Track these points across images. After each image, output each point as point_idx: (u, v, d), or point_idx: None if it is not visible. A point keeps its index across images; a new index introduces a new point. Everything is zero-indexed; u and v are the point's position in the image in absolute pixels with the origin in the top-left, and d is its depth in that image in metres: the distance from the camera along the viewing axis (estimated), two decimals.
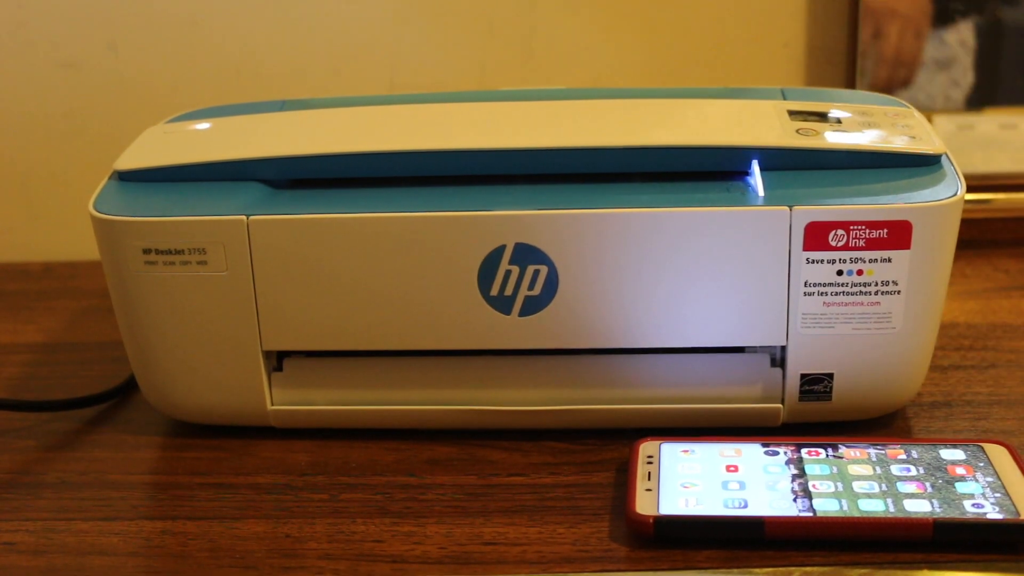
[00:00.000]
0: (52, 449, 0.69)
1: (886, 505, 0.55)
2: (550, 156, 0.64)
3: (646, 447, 0.62)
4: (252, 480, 0.65)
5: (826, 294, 0.62)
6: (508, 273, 0.62)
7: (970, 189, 0.64)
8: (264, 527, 0.60)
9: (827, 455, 0.59)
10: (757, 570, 0.56)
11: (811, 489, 0.57)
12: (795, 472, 0.58)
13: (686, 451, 0.61)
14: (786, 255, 0.61)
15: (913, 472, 0.58)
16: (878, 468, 0.58)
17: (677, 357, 0.65)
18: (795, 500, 0.56)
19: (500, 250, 0.62)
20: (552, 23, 0.97)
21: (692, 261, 0.62)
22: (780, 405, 0.65)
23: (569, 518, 0.60)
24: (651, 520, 0.56)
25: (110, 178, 0.67)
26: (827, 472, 0.58)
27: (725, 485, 0.58)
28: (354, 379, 0.67)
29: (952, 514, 0.55)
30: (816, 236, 0.61)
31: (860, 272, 0.61)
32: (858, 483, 0.57)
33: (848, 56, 0.97)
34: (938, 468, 0.58)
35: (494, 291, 0.63)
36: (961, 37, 0.94)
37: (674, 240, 0.61)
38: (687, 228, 0.61)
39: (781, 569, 0.55)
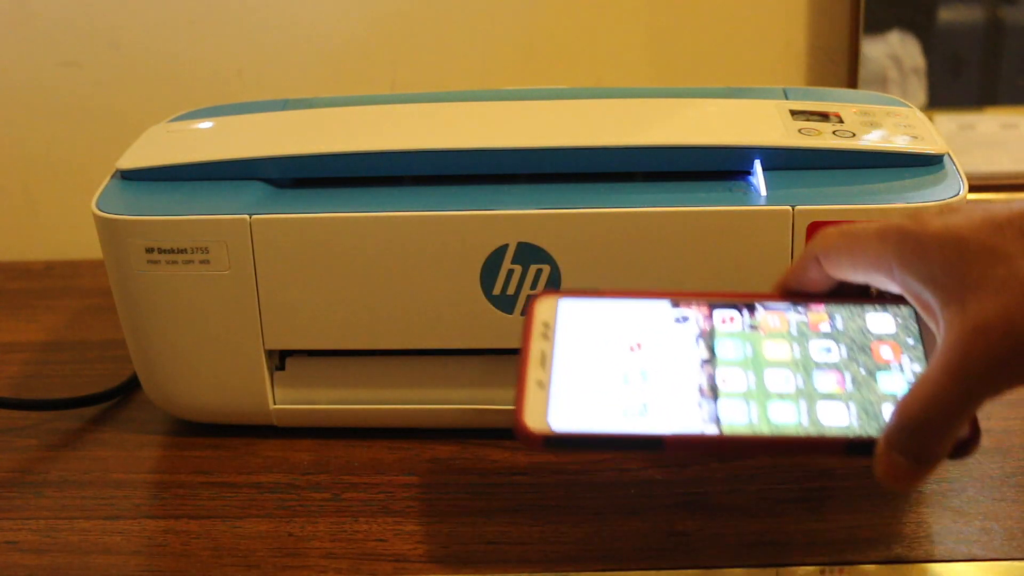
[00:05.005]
0: (54, 448, 0.69)
1: (799, 415, 0.49)
2: (552, 155, 0.64)
3: (542, 308, 0.54)
4: (254, 479, 0.65)
5: None
6: (510, 272, 0.63)
7: (972, 189, 0.64)
8: (267, 526, 0.60)
9: (743, 326, 0.53)
10: (757, 569, 0.56)
11: (719, 386, 0.51)
12: (704, 357, 0.52)
13: (583, 314, 0.54)
14: (788, 255, 0.61)
15: (833, 354, 0.51)
16: (796, 348, 0.52)
17: None
18: (700, 405, 0.50)
19: (502, 249, 0.62)
20: (552, 23, 0.98)
21: (694, 260, 0.62)
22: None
23: (571, 517, 0.60)
24: (541, 437, 0.51)
25: (112, 177, 0.67)
26: (739, 357, 0.52)
27: (626, 379, 0.51)
28: (356, 378, 0.67)
29: (868, 430, 0.49)
30: None
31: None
32: (772, 372, 0.51)
33: (850, 56, 0.97)
34: (862, 349, 0.51)
35: (496, 290, 0.63)
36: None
37: (676, 239, 0.61)
38: (689, 228, 0.61)
39: (782, 569, 0.56)
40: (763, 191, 0.62)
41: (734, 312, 0.53)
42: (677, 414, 0.50)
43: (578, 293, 0.55)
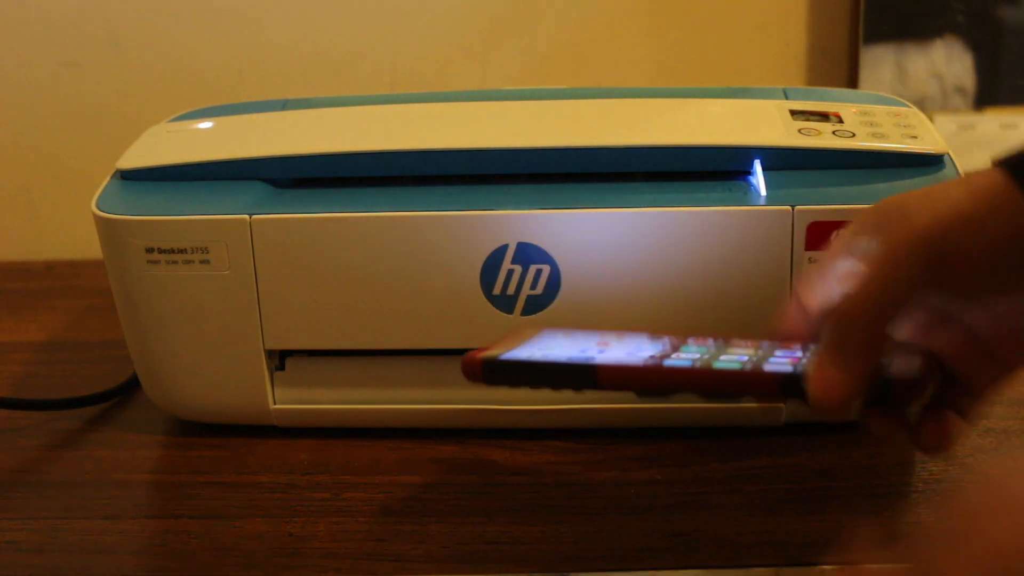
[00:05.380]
0: (54, 448, 0.69)
1: (743, 365, 0.49)
2: (552, 155, 0.64)
3: (521, 331, 0.56)
4: (255, 479, 0.65)
5: None
6: (510, 272, 0.63)
7: None
8: (267, 526, 0.60)
9: (712, 342, 0.53)
10: (757, 569, 0.56)
11: (672, 356, 0.51)
12: (667, 349, 0.52)
13: (566, 334, 0.55)
14: (788, 255, 0.61)
15: (799, 355, 0.51)
16: (760, 351, 0.51)
17: None
18: (649, 358, 0.50)
19: (502, 249, 0.62)
20: (552, 23, 0.98)
21: (694, 260, 0.62)
22: (782, 404, 0.65)
23: (571, 517, 0.60)
24: (479, 360, 0.51)
25: (113, 177, 0.67)
26: (701, 350, 0.52)
27: (584, 350, 0.52)
28: (356, 378, 0.67)
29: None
30: (818, 236, 0.61)
31: None
32: (727, 356, 0.51)
33: (850, 56, 0.97)
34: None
35: (496, 290, 0.63)
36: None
37: (676, 239, 0.61)
38: (689, 227, 0.61)
39: (782, 569, 0.56)
40: (763, 191, 0.62)
41: (708, 339, 0.54)
42: (619, 360, 0.50)
43: (559, 328, 0.57)
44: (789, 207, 0.61)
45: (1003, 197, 0.46)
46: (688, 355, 0.51)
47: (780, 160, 0.63)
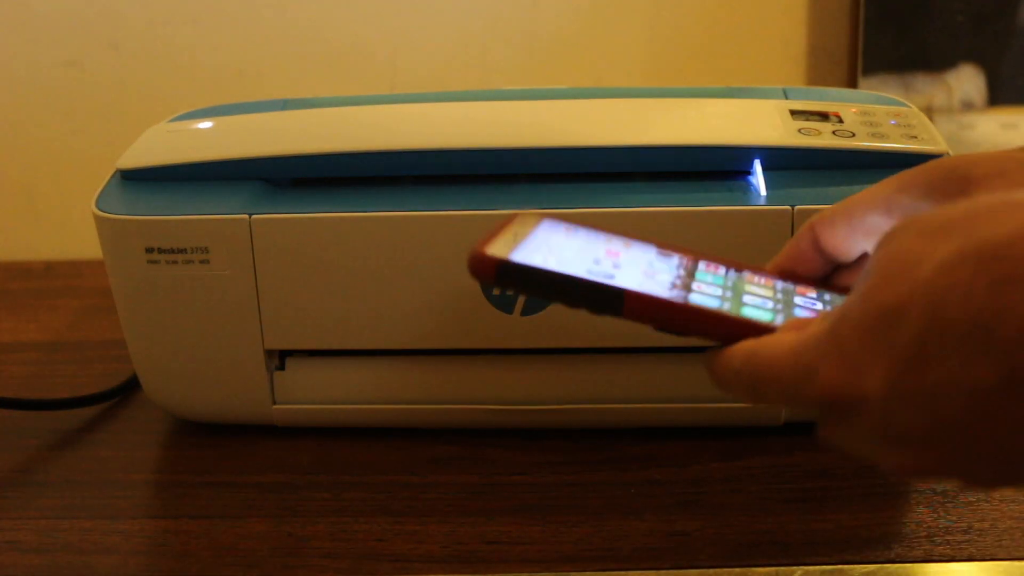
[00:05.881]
0: (55, 448, 0.69)
1: (773, 314, 0.45)
2: (552, 155, 0.64)
3: (522, 219, 0.49)
4: (255, 479, 0.65)
5: None
6: None
7: None
8: (267, 526, 0.60)
9: (725, 272, 0.48)
10: (757, 569, 0.56)
11: (693, 287, 0.46)
12: (682, 273, 0.47)
13: (568, 230, 0.49)
14: None
15: (819, 306, 0.47)
16: (779, 294, 0.48)
17: (678, 356, 0.65)
18: (671, 288, 0.46)
19: None
20: (552, 23, 0.98)
21: None
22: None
23: (571, 517, 0.60)
24: (495, 263, 0.45)
25: (113, 177, 0.67)
26: (719, 281, 0.47)
27: (597, 261, 0.47)
28: (356, 378, 0.67)
29: None
30: None
31: None
32: (750, 296, 0.47)
33: (849, 56, 0.97)
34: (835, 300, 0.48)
35: (496, 290, 0.63)
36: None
37: (676, 239, 0.61)
38: (689, 227, 0.61)
39: (782, 569, 0.56)
40: (763, 191, 0.62)
41: (714, 263, 0.49)
42: (642, 285, 0.45)
43: (559, 218, 0.50)
44: (789, 207, 0.61)
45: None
46: (709, 290, 0.46)
47: (780, 160, 0.63)
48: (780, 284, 0.49)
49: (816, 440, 0.42)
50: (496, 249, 0.46)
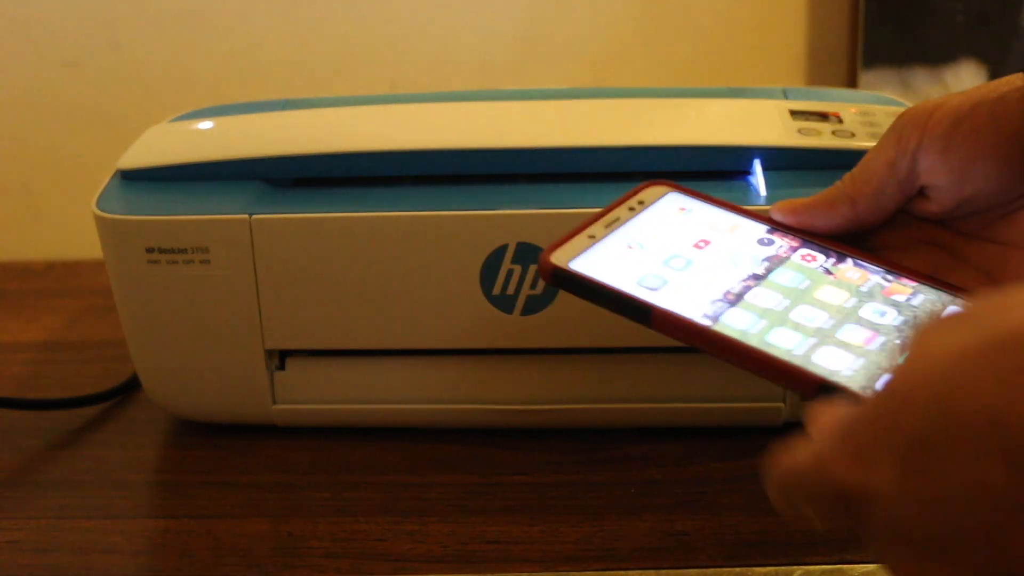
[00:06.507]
0: (55, 447, 0.69)
1: (797, 346, 0.45)
2: (552, 155, 0.64)
3: (649, 191, 0.54)
4: (255, 479, 0.65)
5: None
6: (510, 272, 0.63)
7: None
8: (267, 525, 0.60)
9: (818, 265, 0.49)
10: (757, 569, 0.56)
11: (745, 297, 0.47)
12: (758, 273, 0.49)
13: (683, 208, 0.53)
14: None
15: (884, 319, 0.46)
16: (852, 300, 0.47)
17: (678, 356, 0.65)
18: (712, 303, 0.47)
19: (502, 249, 0.62)
20: (552, 23, 0.98)
21: None
22: (782, 404, 0.65)
23: (571, 517, 0.60)
24: (552, 268, 0.49)
25: (113, 177, 0.67)
26: (787, 284, 0.48)
27: (666, 262, 0.50)
28: (356, 378, 0.67)
29: (853, 384, 0.43)
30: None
31: None
32: (807, 308, 0.47)
33: (849, 56, 0.97)
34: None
35: (496, 290, 0.63)
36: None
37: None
38: None
39: (782, 568, 0.56)
40: (763, 191, 0.62)
41: (817, 252, 0.50)
42: (685, 300, 0.47)
43: (690, 192, 0.54)
44: None
45: (1016, 91, 0.47)
46: (766, 300, 0.47)
47: (780, 160, 0.63)
48: (872, 280, 0.48)
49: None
50: (563, 256, 0.49)
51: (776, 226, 0.52)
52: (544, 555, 0.57)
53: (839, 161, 0.63)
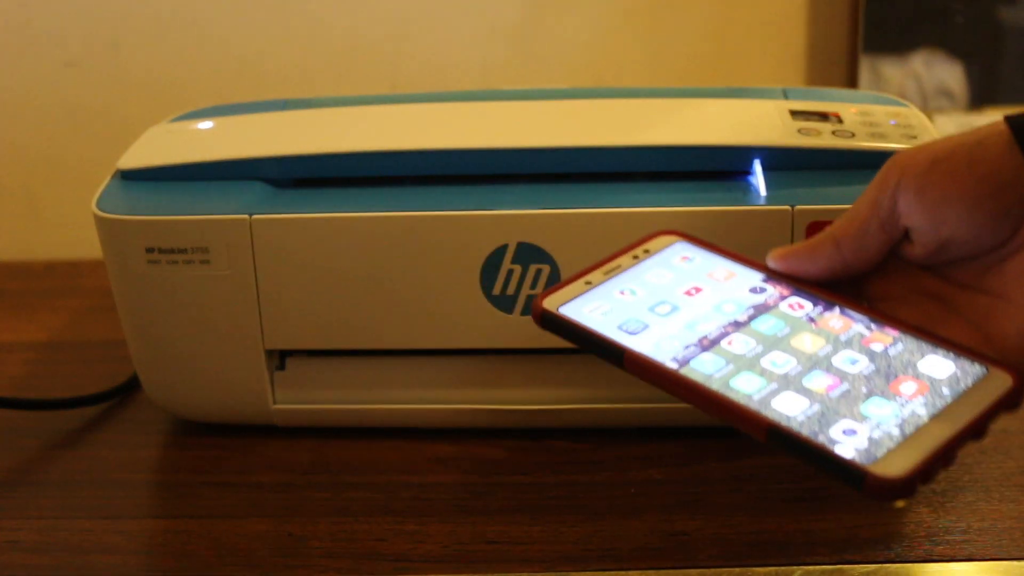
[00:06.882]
0: (55, 448, 0.69)
1: (757, 391, 0.46)
2: (552, 155, 0.64)
3: (658, 240, 0.55)
4: (255, 479, 0.65)
5: None
6: (510, 272, 0.63)
7: None
8: (267, 525, 0.60)
9: (804, 314, 0.50)
10: (757, 569, 0.56)
11: (720, 343, 0.48)
12: (740, 321, 0.50)
13: (685, 257, 0.54)
14: None
15: (854, 367, 0.47)
16: (827, 347, 0.48)
17: None
18: (687, 347, 0.48)
19: (502, 249, 0.62)
20: (552, 23, 0.98)
21: None
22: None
23: (571, 517, 0.60)
24: (540, 312, 0.51)
25: (113, 177, 0.67)
26: (766, 331, 0.49)
27: (652, 308, 0.51)
28: (357, 378, 0.67)
29: (803, 429, 0.44)
30: None
31: None
32: (779, 355, 0.48)
33: (849, 56, 0.97)
34: (887, 376, 0.46)
35: (496, 290, 0.63)
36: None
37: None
38: (689, 228, 0.61)
39: (782, 569, 0.56)
40: (763, 191, 0.62)
41: (806, 301, 0.51)
42: (659, 344, 0.49)
43: (698, 242, 0.55)
44: (789, 207, 0.61)
45: (996, 136, 0.47)
46: (739, 348, 0.48)
47: (780, 160, 0.63)
48: (854, 329, 0.49)
49: None
50: (551, 301, 0.51)
51: (772, 275, 0.52)
52: (544, 555, 0.57)
53: (839, 161, 0.63)
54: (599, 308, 0.51)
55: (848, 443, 0.43)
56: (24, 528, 0.61)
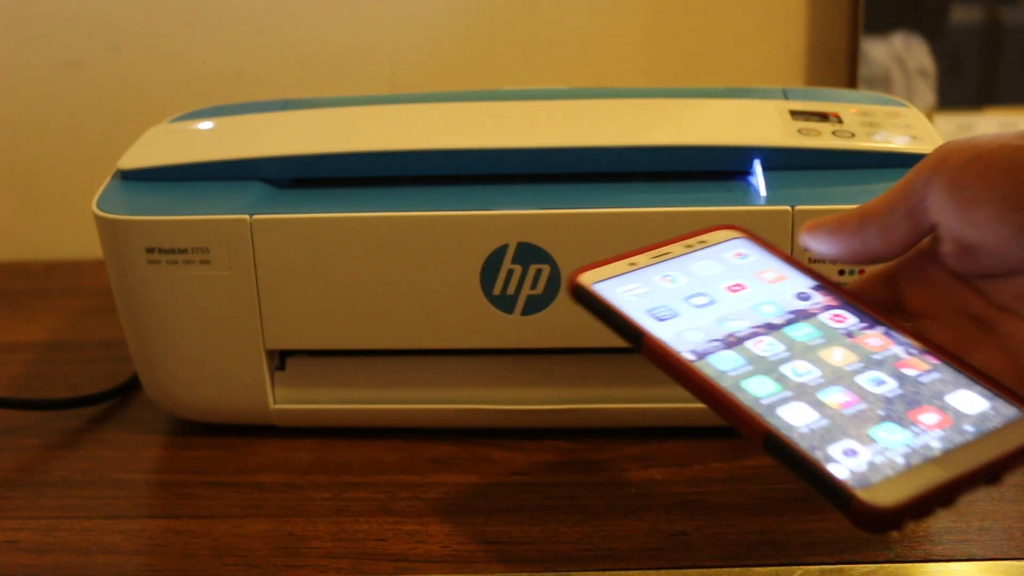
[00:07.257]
0: (55, 448, 0.69)
1: (767, 395, 0.44)
2: (552, 156, 0.64)
3: (717, 233, 0.53)
4: (255, 479, 0.65)
5: None
6: (511, 272, 0.63)
7: None
8: (267, 526, 0.60)
9: (845, 327, 0.48)
10: (757, 569, 0.56)
11: (746, 343, 0.47)
12: (774, 324, 0.48)
13: (740, 254, 0.52)
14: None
15: (878, 388, 0.45)
16: (857, 364, 0.46)
17: None
18: (709, 341, 0.47)
19: (503, 249, 0.62)
20: (552, 23, 0.98)
21: None
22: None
23: (571, 517, 0.60)
24: (573, 285, 0.50)
25: (113, 177, 0.67)
26: (797, 336, 0.47)
27: (688, 299, 0.49)
28: (357, 378, 0.67)
29: (803, 443, 0.42)
30: None
31: (862, 271, 0.61)
32: (802, 363, 0.46)
33: (849, 56, 0.97)
34: (912, 403, 0.44)
35: (496, 290, 0.63)
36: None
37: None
38: (689, 228, 0.61)
39: (782, 569, 0.56)
40: (763, 191, 0.62)
41: (851, 315, 0.49)
42: (683, 335, 0.47)
43: (759, 241, 0.53)
44: (789, 207, 0.61)
45: None
46: (763, 349, 0.47)
47: (780, 160, 0.63)
48: (893, 350, 0.47)
49: None
50: (588, 275, 0.50)
51: (826, 285, 0.50)
52: (544, 555, 0.57)
53: (839, 161, 0.63)
54: (634, 290, 0.50)
55: (845, 464, 0.41)
56: (24, 528, 0.61)
